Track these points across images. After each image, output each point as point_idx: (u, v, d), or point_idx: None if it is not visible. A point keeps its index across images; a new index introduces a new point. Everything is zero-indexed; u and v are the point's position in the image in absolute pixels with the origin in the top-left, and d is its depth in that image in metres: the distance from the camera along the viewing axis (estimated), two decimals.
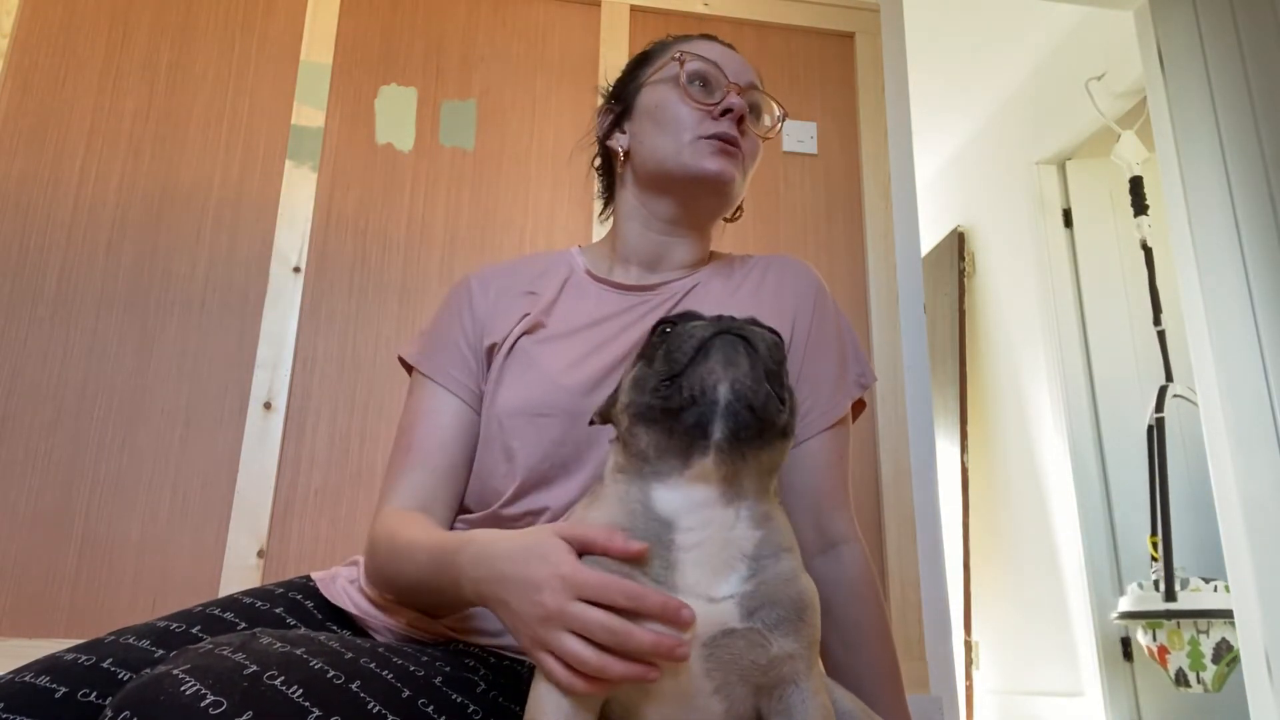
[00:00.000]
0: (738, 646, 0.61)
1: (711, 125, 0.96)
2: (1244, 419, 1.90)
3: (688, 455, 0.63)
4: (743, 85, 1.00)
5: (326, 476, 1.67)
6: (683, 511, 0.63)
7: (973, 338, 3.48)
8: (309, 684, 0.60)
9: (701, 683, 0.61)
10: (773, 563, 0.63)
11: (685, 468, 0.63)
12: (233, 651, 0.60)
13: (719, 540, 0.63)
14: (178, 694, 0.55)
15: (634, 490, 0.65)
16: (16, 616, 1.53)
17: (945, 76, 3.21)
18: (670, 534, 0.62)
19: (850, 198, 2.05)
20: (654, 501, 0.64)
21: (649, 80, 1.01)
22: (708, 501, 0.63)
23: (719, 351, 0.63)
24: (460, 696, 0.70)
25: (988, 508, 3.29)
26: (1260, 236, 1.92)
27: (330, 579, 0.93)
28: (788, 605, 0.62)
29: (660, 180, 0.98)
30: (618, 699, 0.63)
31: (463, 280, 1.02)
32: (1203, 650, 2.26)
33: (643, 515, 0.63)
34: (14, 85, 1.77)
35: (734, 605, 0.61)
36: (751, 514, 0.64)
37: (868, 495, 1.84)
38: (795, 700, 0.63)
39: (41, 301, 1.67)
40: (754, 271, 1.03)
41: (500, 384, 0.92)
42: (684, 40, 1.03)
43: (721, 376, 0.62)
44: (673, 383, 0.63)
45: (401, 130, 1.89)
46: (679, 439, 0.63)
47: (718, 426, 0.62)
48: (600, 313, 0.95)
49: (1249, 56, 2.01)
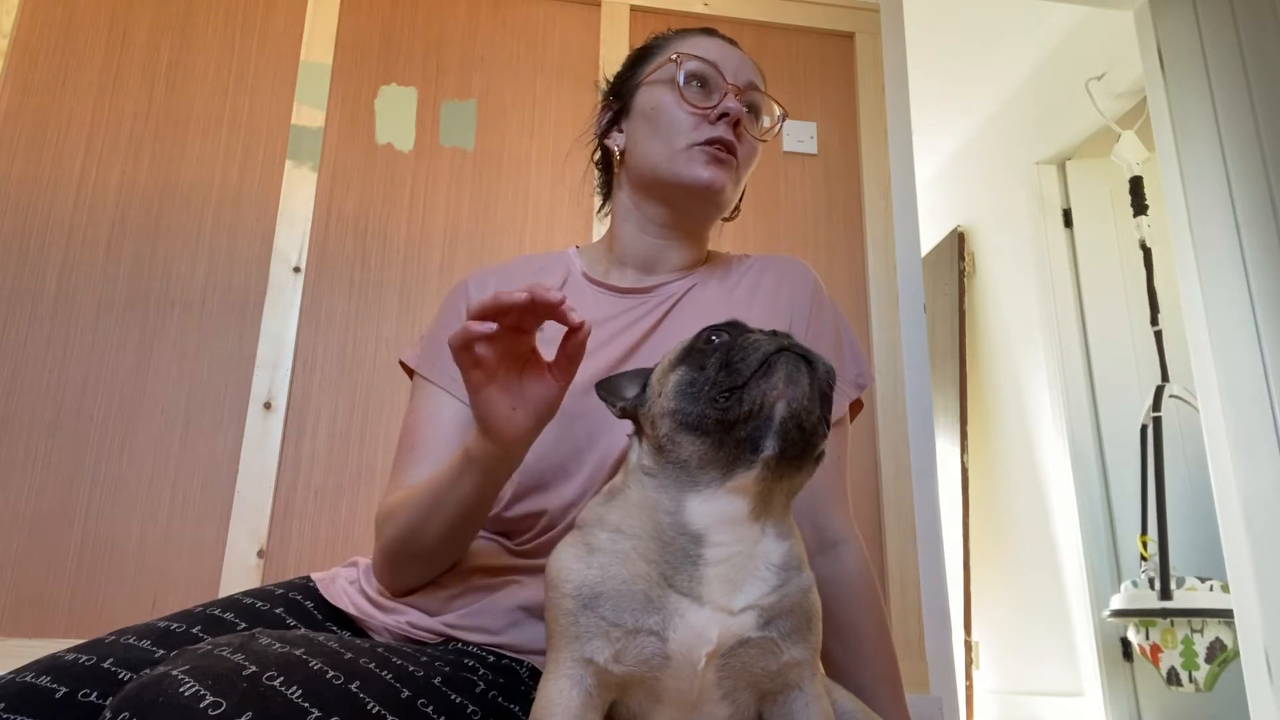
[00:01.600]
0: (750, 655, 0.61)
1: (707, 130, 0.95)
2: (1244, 419, 1.90)
3: (731, 468, 0.62)
4: (741, 85, 0.98)
5: (326, 476, 1.67)
6: (714, 526, 0.62)
7: (973, 338, 3.48)
8: (308, 684, 0.60)
9: (711, 690, 0.62)
10: (795, 577, 0.64)
11: (725, 480, 0.62)
12: (232, 652, 0.60)
13: (745, 555, 0.62)
14: (177, 695, 0.55)
15: (665, 500, 0.64)
16: (16, 616, 1.53)
17: (945, 76, 3.21)
18: (698, 548, 0.62)
19: (850, 198, 2.05)
20: (686, 514, 0.63)
21: (646, 79, 1.00)
22: (739, 517, 0.63)
23: (783, 369, 0.62)
24: (459, 697, 0.70)
25: (988, 508, 3.29)
26: (1260, 236, 1.92)
27: (330, 579, 0.93)
28: (801, 615, 0.63)
29: (653, 185, 0.98)
30: (626, 703, 0.63)
31: (460, 283, 1.02)
32: (1196, 649, 2.26)
33: (670, 527, 0.63)
34: (14, 85, 1.77)
35: (752, 616, 0.61)
36: (777, 530, 0.64)
37: (868, 495, 1.84)
38: (799, 705, 0.63)
39: (41, 301, 1.67)
40: (750, 272, 1.02)
41: None
42: (684, 36, 1.01)
43: (783, 394, 0.61)
44: (732, 394, 0.62)
45: (401, 130, 1.89)
46: (728, 451, 0.62)
47: (769, 443, 0.61)
48: (596, 315, 0.95)
49: (1249, 56, 2.01)
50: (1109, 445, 2.83)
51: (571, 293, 0.99)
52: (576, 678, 0.61)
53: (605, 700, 0.62)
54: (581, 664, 0.61)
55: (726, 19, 2.10)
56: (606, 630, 0.60)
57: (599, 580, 0.62)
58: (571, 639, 0.61)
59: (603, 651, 0.60)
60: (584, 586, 0.62)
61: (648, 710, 0.63)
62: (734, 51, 1.00)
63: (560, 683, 0.61)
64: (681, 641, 0.60)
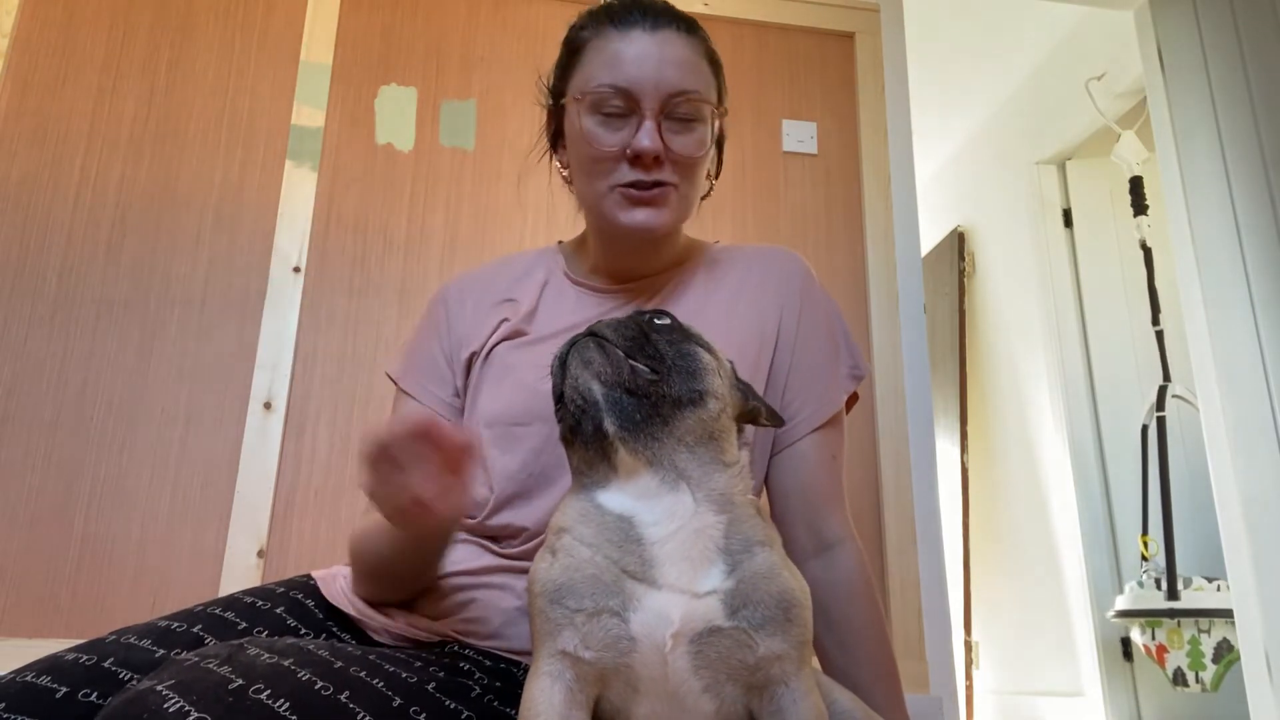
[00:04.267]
0: (724, 646, 0.61)
1: (626, 173, 0.87)
2: (1244, 419, 1.90)
3: (608, 458, 0.66)
4: (662, 100, 0.87)
5: (326, 476, 1.67)
6: (635, 508, 0.64)
7: (973, 338, 3.48)
8: (295, 696, 0.59)
9: (690, 681, 0.61)
10: (748, 558, 0.64)
11: (614, 470, 0.66)
12: (219, 665, 0.60)
13: (689, 530, 0.63)
14: (160, 711, 0.54)
15: (590, 497, 0.67)
16: (16, 616, 1.53)
17: (945, 76, 3.21)
18: (634, 529, 0.63)
19: (850, 198, 2.04)
20: (607, 504, 0.66)
21: (571, 93, 0.92)
22: (651, 491, 0.64)
23: (574, 358, 0.67)
24: (454, 702, 0.69)
25: (988, 508, 3.29)
26: (1260, 236, 1.92)
27: (330, 578, 0.92)
28: (771, 604, 0.63)
29: (594, 221, 0.95)
30: (608, 697, 0.64)
31: (439, 292, 1.01)
32: (1203, 650, 2.26)
33: (597, 513, 0.65)
34: (14, 85, 1.77)
35: (718, 602, 0.62)
36: (708, 497, 0.65)
37: (868, 495, 1.84)
38: (786, 700, 0.63)
39: (41, 301, 1.67)
40: (737, 267, 0.99)
41: (479, 393, 0.92)
42: (603, 33, 0.90)
43: (585, 378, 0.65)
44: (559, 406, 0.68)
45: (401, 130, 1.89)
46: (592, 449, 0.66)
47: (608, 421, 0.65)
48: (579, 317, 0.94)
49: (1249, 56, 2.01)
50: (1109, 445, 2.83)
51: (553, 295, 0.98)
52: (556, 673, 0.62)
53: (589, 696, 0.63)
54: (558, 658, 0.62)
55: (726, 19, 2.09)
56: (571, 617, 0.62)
57: (561, 576, 0.64)
58: (546, 636, 0.63)
59: (572, 640, 0.62)
60: (549, 584, 0.64)
61: (628, 702, 0.63)
62: (654, 54, 0.87)
63: (541, 681, 0.62)
64: (643, 622, 0.61)
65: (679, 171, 0.90)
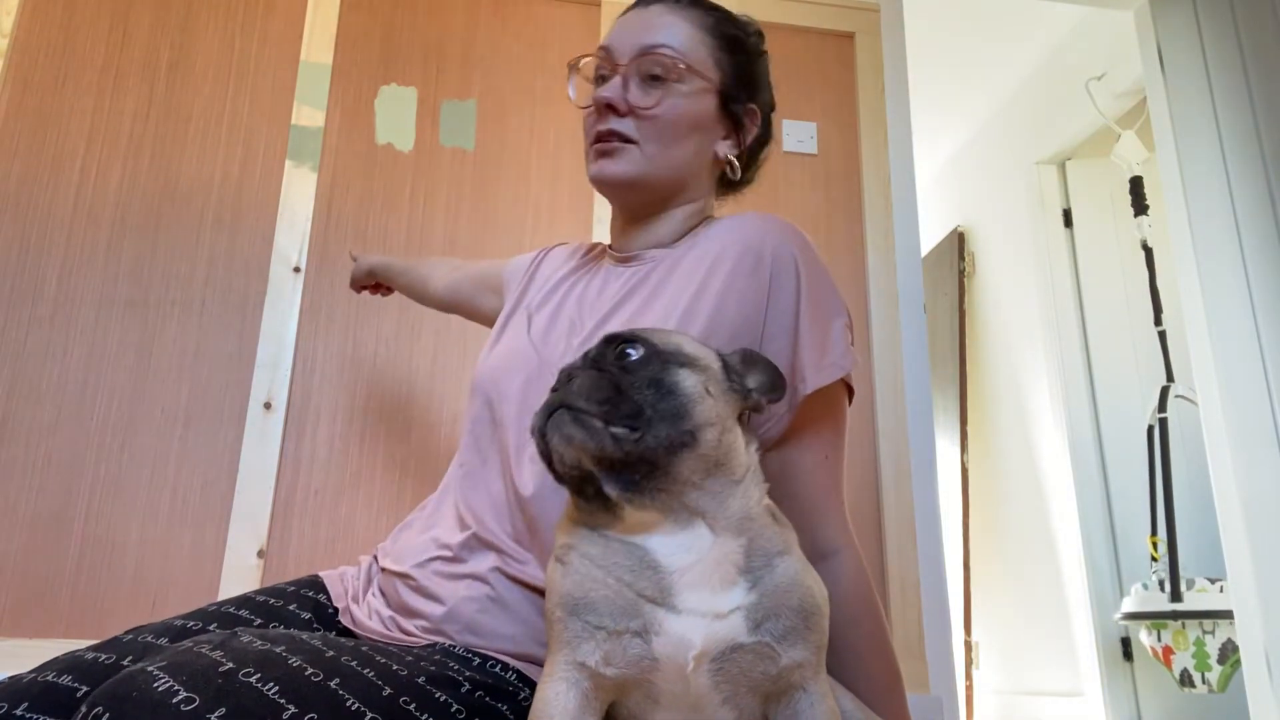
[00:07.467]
0: (746, 660, 0.61)
1: (594, 126, 0.93)
2: (1244, 419, 1.90)
3: (615, 513, 0.64)
4: (628, 59, 0.90)
5: (326, 477, 1.67)
6: (650, 543, 0.63)
7: (973, 338, 3.48)
8: (285, 681, 0.60)
9: (710, 694, 0.61)
10: (769, 572, 0.63)
11: (618, 520, 0.64)
12: (211, 649, 0.60)
13: (710, 560, 0.62)
14: (149, 690, 0.55)
15: (589, 528, 0.66)
16: (16, 616, 1.52)
17: (945, 77, 3.21)
18: (650, 556, 0.62)
19: (850, 198, 2.05)
20: (621, 537, 0.64)
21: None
22: (665, 530, 0.63)
23: (552, 433, 0.63)
24: (444, 695, 0.69)
25: (988, 508, 3.29)
26: (1260, 236, 1.92)
27: (337, 578, 0.93)
28: (793, 614, 0.62)
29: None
30: (625, 705, 0.64)
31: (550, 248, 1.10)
32: (1208, 651, 2.26)
33: (602, 540, 0.64)
34: (14, 85, 1.77)
35: (740, 618, 0.61)
36: (726, 525, 0.63)
37: (868, 495, 1.84)
38: (803, 705, 0.63)
39: (41, 301, 1.67)
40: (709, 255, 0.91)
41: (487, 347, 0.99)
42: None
43: (570, 453, 0.63)
44: (549, 463, 0.65)
45: (401, 130, 1.89)
46: (595, 504, 0.65)
47: (608, 488, 0.63)
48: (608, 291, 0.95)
49: (1249, 56, 2.01)
50: (1109, 445, 2.83)
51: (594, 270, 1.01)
52: (572, 680, 0.62)
53: (603, 702, 0.63)
54: (576, 667, 0.62)
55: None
56: (593, 633, 0.61)
57: (579, 589, 0.63)
58: (564, 644, 0.62)
59: (593, 655, 0.61)
60: (567, 596, 0.63)
61: (647, 712, 0.63)
62: (638, 19, 0.92)
63: (557, 685, 0.62)
64: (665, 644, 0.60)
65: (643, 129, 0.90)
